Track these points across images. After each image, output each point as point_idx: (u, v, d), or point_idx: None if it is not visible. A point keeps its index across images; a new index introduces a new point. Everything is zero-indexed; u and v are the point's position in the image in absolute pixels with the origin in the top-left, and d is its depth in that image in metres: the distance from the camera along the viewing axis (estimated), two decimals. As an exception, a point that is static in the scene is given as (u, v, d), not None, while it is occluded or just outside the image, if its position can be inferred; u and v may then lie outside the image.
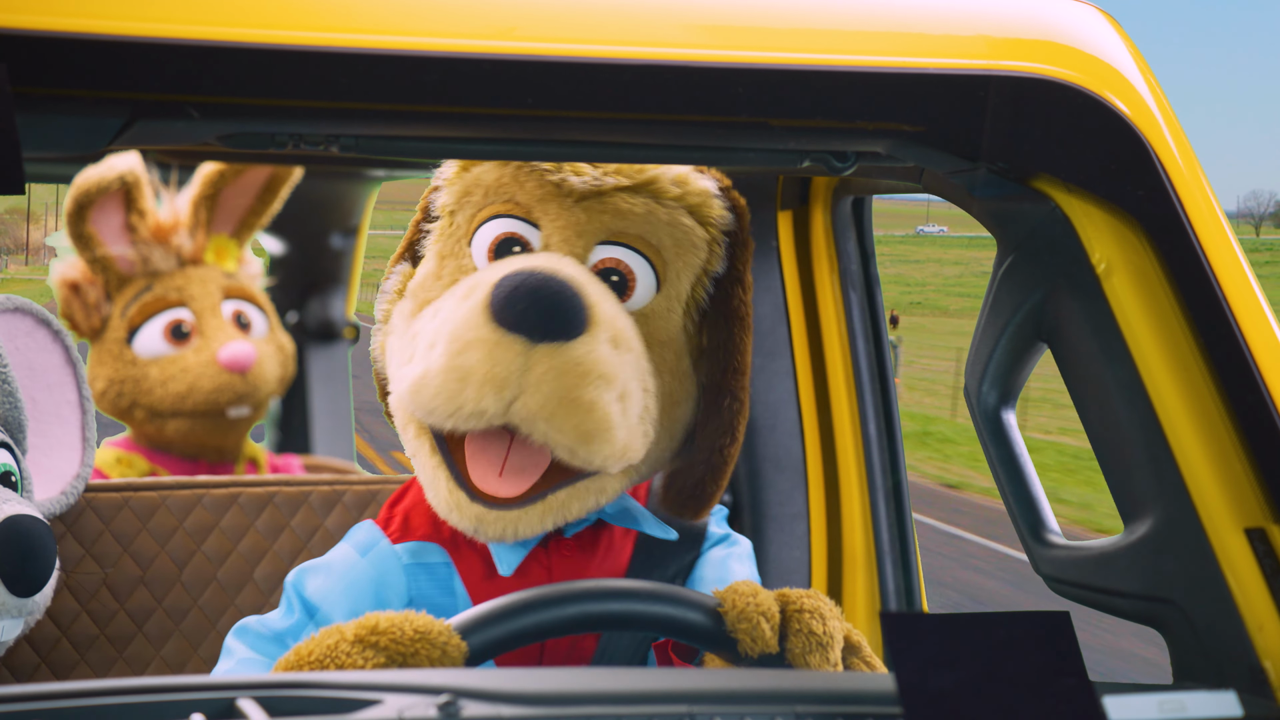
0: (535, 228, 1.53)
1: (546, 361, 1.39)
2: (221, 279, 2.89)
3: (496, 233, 1.54)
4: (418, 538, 1.58)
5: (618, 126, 1.19)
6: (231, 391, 2.80)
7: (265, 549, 2.17)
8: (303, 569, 1.59)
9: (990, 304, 1.39)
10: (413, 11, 1.12)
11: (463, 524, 1.48)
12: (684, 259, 1.56)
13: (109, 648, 2.10)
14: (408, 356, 1.50)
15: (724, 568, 1.66)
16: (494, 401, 1.39)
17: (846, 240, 2.21)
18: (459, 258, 1.56)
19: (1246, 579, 1.18)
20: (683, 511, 1.60)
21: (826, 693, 1.13)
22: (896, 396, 2.24)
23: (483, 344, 1.39)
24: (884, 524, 2.18)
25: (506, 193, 1.54)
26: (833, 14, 1.23)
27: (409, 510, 1.61)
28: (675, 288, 1.57)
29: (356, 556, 1.57)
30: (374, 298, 1.66)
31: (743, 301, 1.60)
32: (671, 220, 1.55)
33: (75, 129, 1.11)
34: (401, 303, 1.59)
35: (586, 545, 1.60)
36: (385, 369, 1.61)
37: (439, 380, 1.41)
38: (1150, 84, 1.27)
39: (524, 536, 1.49)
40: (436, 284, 1.56)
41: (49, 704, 1.01)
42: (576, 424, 1.41)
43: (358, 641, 1.27)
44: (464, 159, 1.56)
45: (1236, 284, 1.21)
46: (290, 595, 1.57)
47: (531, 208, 1.53)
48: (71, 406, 2.02)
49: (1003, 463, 1.39)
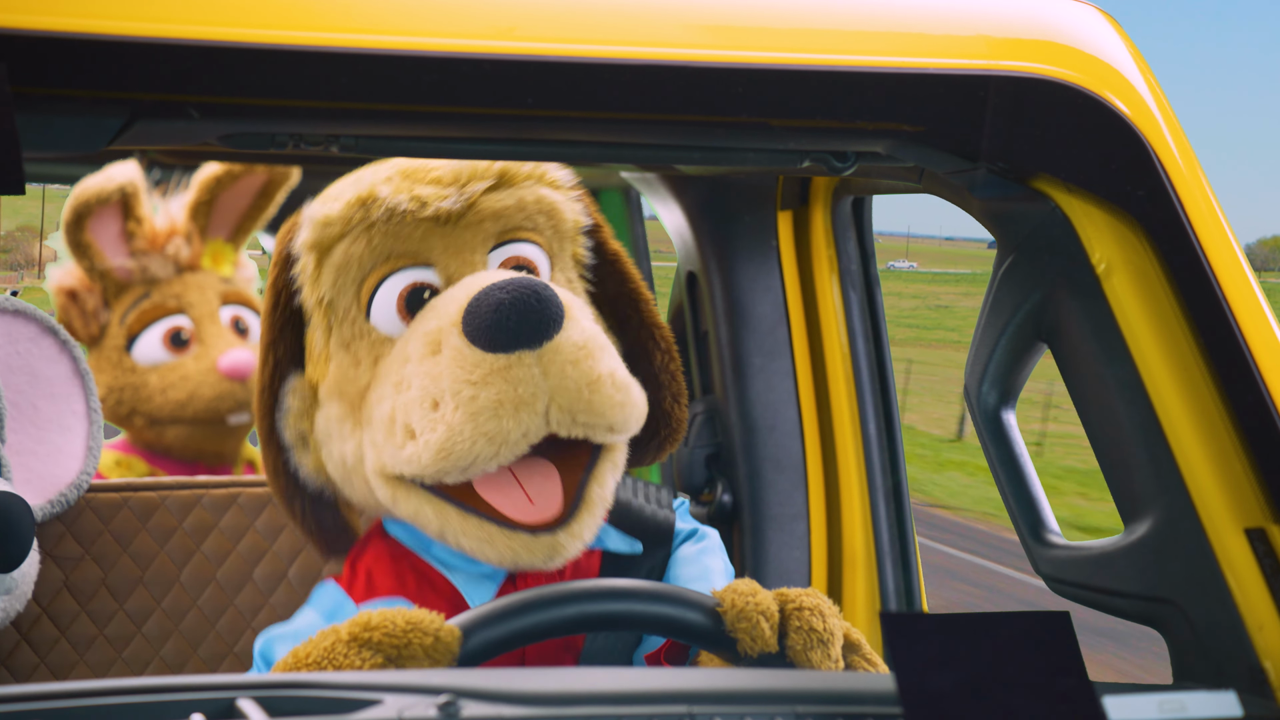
0: (429, 268, 1.53)
1: (557, 359, 1.40)
2: (219, 284, 2.89)
3: (398, 289, 1.52)
4: (382, 594, 1.55)
5: (618, 126, 1.19)
6: (232, 399, 2.80)
7: (265, 549, 2.17)
8: (270, 637, 1.55)
9: (990, 304, 1.39)
10: (413, 11, 1.12)
11: (503, 557, 1.47)
12: (559, 228, 1.60)
13: (108, 648, 2.10)
14: (399, 437, 1.45)
15: (700, 564, 1.66)
16: (532, 419, 1.39)
17: (846, 240, 2.21)
18: (366, 336, 1.53)
19: (1246, 579, 1.18)
20: (661, 445, 1.66)
21: (826, 693, 1.13)
22: (896, 397, 2.24)
23: (495, 375, 1.38)
24: (884, 524, 2.18)
25: (384, 251, 1.52)
26: (833, 14, 1.23)
27: (370, 568, 1.58)
28: (562, 259, 1.62)
29: (321, 623, 1.54)
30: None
31: (614, 242, 1.69)
32: (536, 197, 1.57)
33: (75, 129, 1.10)
34: (324, 410, 1.56)
35: (553, 573, 1.58)
36: (333, 482, 1.58)
37: (469, 428, 1.38)
38: (1150, 84, 1.27)
39: (572, 551, 1.48)
40: (360, 370, 1.53)
41: (49, 704, 1.01)
42: (608, 398, 1.43)
43: (353, 640, 1.27)
44: (464, 159, 1.56)
45: (1236, 284, 1.21)
46: (259, 664, 1.54)
47: (416, 251, 1.52)
48: (78, 417, 2.00)
49: (1002, 463, 1.39)
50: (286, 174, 2.97)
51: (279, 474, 1.60)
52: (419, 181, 1.53)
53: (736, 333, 2.19)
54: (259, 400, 1.60)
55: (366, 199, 1.52)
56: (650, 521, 1.67)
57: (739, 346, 2.19)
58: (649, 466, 2.52)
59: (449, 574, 1.55)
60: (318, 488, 1.60)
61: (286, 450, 1.59)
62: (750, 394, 2.18)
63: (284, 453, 1.59)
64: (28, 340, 1.96)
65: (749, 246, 2.20)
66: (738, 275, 2.20)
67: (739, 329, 2.19)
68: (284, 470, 1.60)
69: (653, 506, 1.69)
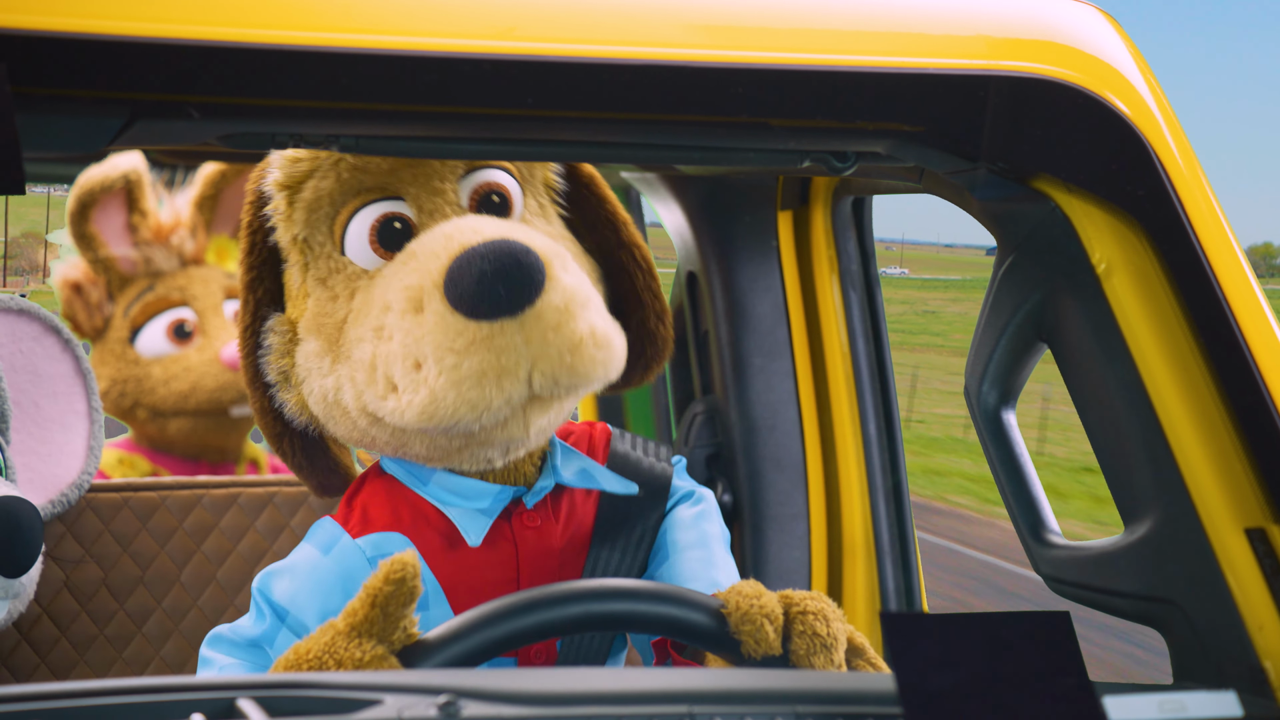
0: (399, 200, 1.54)
1: (539, 326, 1.40)
2: (223, 279, 2.89)
3: (369, 221, 1.53)
4: (378, 529, 1.57)
5: (618, 126, 1.19)
6: (235, 390, 2.80)
7: (265, 549, 2.17)
8: (267, 573, 1.57)
9: (990, 304, 1.39)
10: (413, 11, 1.12)
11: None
12: None
13: (108, 648, 2.10)
14: (381, 387, 1.47)
15: (698, 529, 1.67)
16: (516, 386, 1.40)
17: (847, 240, 2.21)
18: (342, 269, 1.54)
19: (1246, 579, 1.18)
20: (649, 366, 1.67)
21: (827, 693, 1.13)
22: (896, 396, 2.24)
23: (479, 343, 1.39)
24: (884, 524, 2.18)
25: (354, 184, 1.53)
26: (833, 14, 1.23)
27: (366, 503, 1.60)
28: (533, 185, 1.62)
29: (320, 555, 1.56)
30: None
31: (582, 164, 1.69)
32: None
33: (75, 129, 1.10)
34: (302, 346, 1.57)
35: (548, 514, 1.60)
36: (316, 419, 1.59)
37: (453, 394, 1.40)
38: (1150, 84, 1.27)
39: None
40: (337, 305, 1.54)
41: (49, 704, 1.01)
42: (590, 358, 1.44)
43: (352, 630, 1.27)
44: (464, 159, 1.56)
45: (1236, 284, 1.21)
46: (258, 600, 1.56)
47: (385, 185, 1.53)
48: (79, 416, 2.01)
49: (1002, 463, 1.39)
50: None
51: (265, 413, 1.62)
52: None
53: (737, 333, 2.19)
54: (241, 341, 1.62)
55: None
56: (648, 473, 1.68)
57: (739, 346, 2.19)
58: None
59: (445, 509, 1.57)
60: (303, 424, 1.61)
61: (271, 388, 1.61)
62: (750, 394, 2.18)
63: (268, 390, 1.61)
64: (30, 339, 1.96)
65: (749, 246, 2.20)
66: (738, 275, 2.20)
67: (739, 329, 2.19)
68: (269, 409, 1.62)
69: (650, 459, 1.71)
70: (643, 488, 1.66)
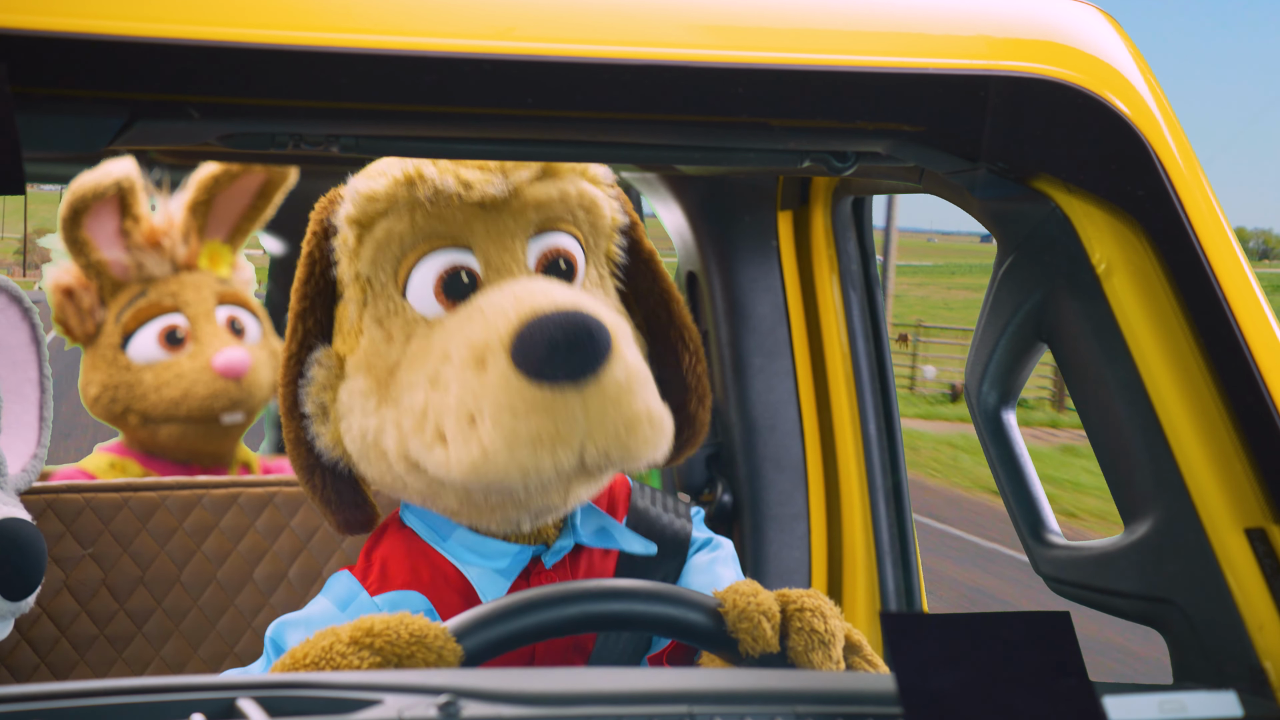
0: (468, 251, 1.53)
1: (599, 397, 1.38)
2: (216, 285, 2.88)
3: (438, 271, 1.52)
4: (397, 586, 1.56)
5: (618, 126, 1.19)
6: (226, 398, 2.80)
7: (265, 549, 2.17)
8: (282, 623, 1.56)
9: (990, 304, 1.39)
10: (413, 11, 1.12)
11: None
12: (596, 224, 1.61)
13: (108, 648, 2.10)
14: (429, 437, 1.45)
15: (711, 573, 1.66)
16: (568, 455, 1.38)
17: (846, 240, 2.21)
18: (401, 313, 1.53)
19: (1247, 579, 1.18)
20: (681, 447, 1.65)
21: (827, 693, 1.13)
22: (896, 396, 2.24)
23: (540, 408, 1.37)
24: (884, 524, 2.18)
25: (426, 230, 1.52)
26: (833, 14, 1.23)
27: (385, 559, 1.59)
28: (597, 254, 1.62)
29: (336, 611, 1.55)
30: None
31: (646, 241, 1.71)
32: (579, 191, 1.58)
33: (75, 129, 1.10)
34: (349, 383, 1.55)
35: (566, 573, 1.59)
36: (348, 456, 1.58)
37: (505, 455, 1.38)
38: (1150, 84, 1.27)
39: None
40: (392, 347, 1.53)
41: (49, 704, 1.00)
42: (644, 438, 1.43)
43: (353, 643, 1.27)
44: (464, 159, 1.56)
45: (1236, 284, 1.21)
46: (270, 650, 1.54)
47: (457, 234, 1.52)
48: (32, 384, 1.99)
49: (1003, 463, 1.39)
50: (284, 175, 2.97)
51: (298, 444, 1.61)
52: (464, 164, 1.53)
53: (736, 333, 2.19)
54: (284, 368, 1.61)
55: (413, 177, 1.52)
56: (667, 529, 1.67)
57: (739, 346, 2.19)
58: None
59: (463, 568, 1.56)
60: (333, 460, 1.60)
61: (306, 419, 1.59)
62: (750, 394, 2.18)
63: (304, 422, 1.60)
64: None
65: (749, 246, 2.20)
66: (738, 275, 2.20)
67: (739, 329, 2.19)
68: (302, 440, 1.60)
69: (670, 515, 1.69)
70: (661, 546, 1.65)
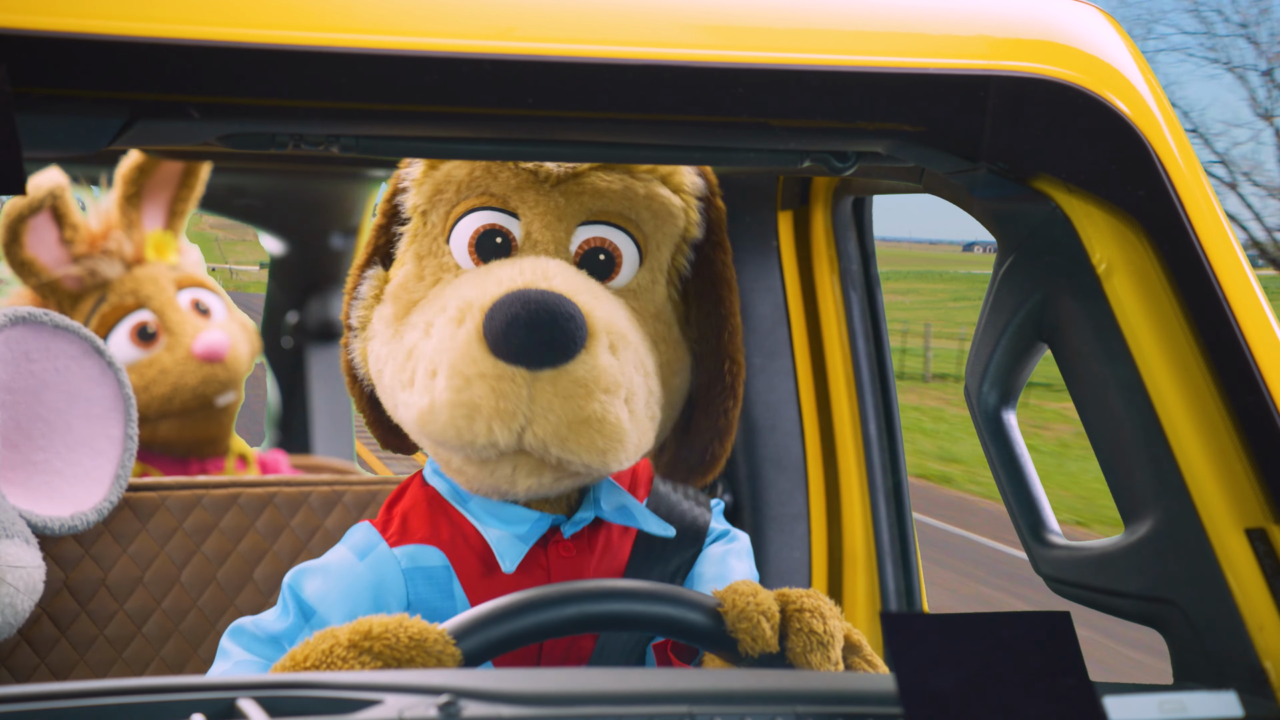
0: (514, 217, 1.54)
1: (550, 388, 1.40)
2: (169, 272, 2.88)
3: (476, 225, 1.54)
4: (416, 540, 1.57)
5: (618, 126, 1.19)
6: (216, 381, 2.80)
7: (265, 549, 2.17)
8: (301, 570, 1.58)
9: (990, 304, 1.39)
10: (413, 11, 1.12)
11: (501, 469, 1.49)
12: (663, 229, 1.59)
13: (108, 648, 2.10)
14: (406, 378, 1.50)
15: (723, 564, 1.66)
16: (504, 433, 1.41)
17: (847, 240, 2.21)
18: (439, 255, 1.57)
19: (1247, 579, 1.18)
20: (690, 477, 1.65)
21: (827, 693, 1.13)
22: (896, 396, 2.24)
23: (484, 379, 1.40)
24: (884, 524, 2.18)
25: (481, 185, 1.55)
26: (833, 14, 1.23)
27: (407, 512, 1.61)
28: (657, 259, 1.60)
29: (355, 559, 1.56)
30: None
31: (725, 265, 1.65)
32: (648, 192, 1.57)
33: (75, 129, 1.10)
34: (381, 307, 1.59)
35: (584, 545, 1.59)
36: (370, 375, 1.61)
37: (446, 414, 1.42)
38: (1150, 84, 1.27)
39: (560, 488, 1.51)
40: (420, 285, 1.56)
41: (49, 704, 1.00)
42: (589, 442, 1.43)
43: (352, 646, 1.27)
44: (464, 159, 1.56)
45: (1237, 284, 1.21)
46: (286, 597, 1.56)
47: (508, 197, 1.54)
48: (113, 442, 2.00)
49: (1003, 463, 1.39)
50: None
51: (346, 354, 1.66)
52: None
53: (737, 333, 2.19)
54: (350, 279, 1.65)
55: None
56: (686, 516, 1.67)
57: (739, 346, 2.19)
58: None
59: (483, 530, 1.56)
60: (363, 375, 1.64)
61: (353, 332, 1.64)
62: (751, 394, 2.18)
63: (351, 334, 1.65)
64: (68, 358, 1.95)
65: (749, 246, 2.20)
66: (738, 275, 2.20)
67: (739, 329, 2.19)
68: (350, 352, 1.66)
69: (689, 503, 1.70)
70: (680, 531, 1.65)
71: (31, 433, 1.92)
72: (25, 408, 1.91)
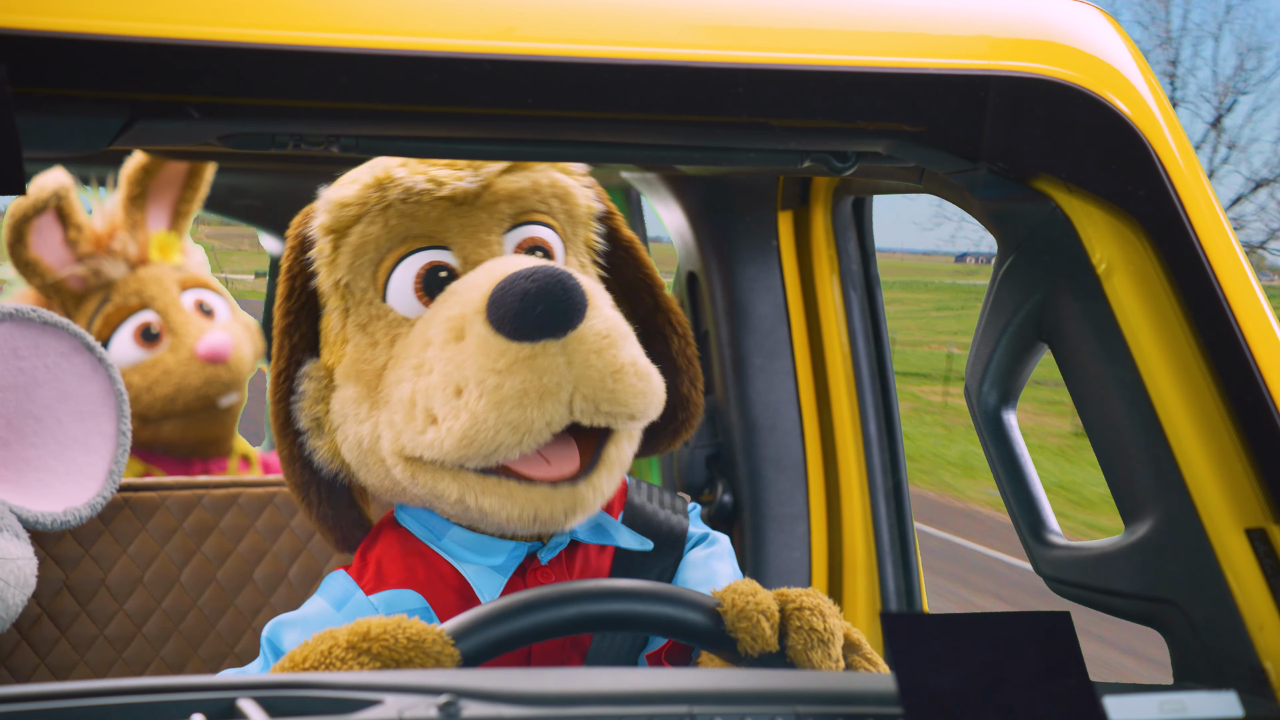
0: (445, 249, 1.53)
1: (581, 349, 1.39)
2: (173, 273, 2.88)
3: (416, 269, 1.52)
4: (392, 585, 1.55)
5: (618, 126, 1.19)
6: (219, 382, 2.80)
7: (265, 549, 2.17)
8: (278, 623, 1.55)
9: (991, 304, 1.39)
10: (413, 11, 1.12)
11: (524, 511, 1.46)
12: (571, 213, 1.62)
13: (108, 648, 2.10)
14: (421, 421, 1.45)
15: (708, 568, 1.65)
16: (556, 408, 1.39)
17: (847, 240, 2.21)
18: (383, 316, 1.54)
19: (1247, 579, 1.18)
20: (678, 424, 1.67)
21: (827, 693, 1.13)
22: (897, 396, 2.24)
23: (519, 365, 1.38)
24: (884, 524, 2.18)
25: (400, 232, 1.53)
26: (833, 14, 1.23)
27: (381, 557, 1.58)
28: (575, 243, 1.63)
29: (332, 611, 1.54)
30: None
31: (623, 227, 1.70)
32: (550, 181, 1.59)
33: (75, 129, 1.10)
34: (341, 392, 1.55)
35: (563, 569, 1.58)
36: (348, 466, 1.57)
37: (494, 416, 1.38)
38: (1150, 84, 1.27)
39: (592, 503, 1.49)
40: (377, 351, 1.53)
41: (49, 704, 1.00)
42: (629, 388, 1.43)
43: (351, 647, 1.26)
44: (464, 159, 1.56)
45: (1237, 284, 1.21)
46: (266, 650, 1.54)
47: (432, 233, 1.53)
48: (105, 438, 1.99)
49: (1003, 463, 1.39)
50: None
51: (293, 461, 1.60)
52: (434, 164, 1.54)
53: (737, 333, 2.19)
54: (274, 386, 1.60)
55: (383, 180, 1.53)
56: (664, 525, 1.67)
57: (739, 346, 2.19)
58: (649, 462, 2.53)
59: (459, 565, 1.55)
60: (332, 473, 1.60)
61: (301, 435, 1.59)
62: (751, 394, 2.18)
63: (298, 438, 1.60)
64: (59, 355, 1.95)
65: (749, 246, 2.20)
66: (738, 275, 2.20)
67: (739, 329, 2.19)
68: (298, 456, 1.60)
69: (666, 511, 1.69)
70: (658, 542, 1.65)
71: (23, 430, 1.92)
72: (16, 405, 1.91)
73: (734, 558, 1.71)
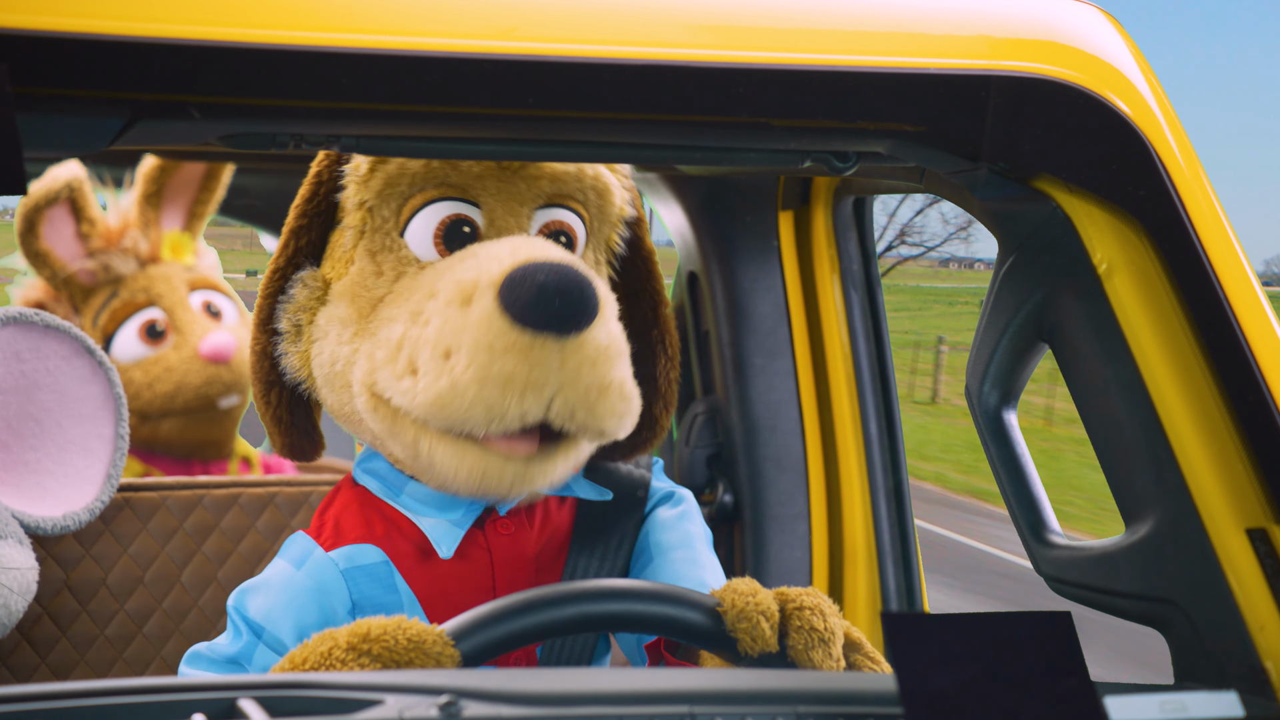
0: (475, 205, 1.54)
1: (577, 355, 1.39)
2: (184, 273, 2.89)
3: (440, 217, 1.53)
4: (351, 541, 1.56)
5: (618, 126, 1.19)
6: (219, 383, 2.81)
7: (265, 549, 2.17)
8: (242, 590, 1.56)
9: (991, 304, 1.39)
10: (413, 11, 1.12)
11: (471, 474, 1.46)
12: (604, 209, 1.62)
13: (109, 648, 2.10)
14: (402, 366, 1.45)
15: (681, 530, 1.66)
16: (535, 404, 1.39)
17: (847, 240, 2.21)
18: (395, 250, 1.54)
19: (1248, 579, 1.18)
20: (636, 444, 1.66)
21: (827, 692, 1.13)
22: (897, 396, 2.24)
23: (515, 349, 1.37)
24: (885, 524, 2.18)
25: (438, 176, 1.53)
26: (833, 14, 1.23)
27: (339, 515, 1.60)
28: (597, 239, 1.63)
29: (293, 570, 1.55)
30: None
31: (646, 237, 1.72)
32: (595, 174, 1.60)
33: (76, 129, 1.10)
34: (329, 308, 1.56)
35: (522, 521, 1.60)
36: (312, 377, 1.58)
37: (474, 391, 1.38)
38: (1151, 84, 1.27)
39: (537, 483, 1.49)
40: (379, 281, 1.53)
41: (49, 704, 1.00)
42: (609, 407, 1.44)
43: (351, 649, 1.26)
44: (464, 159, 1.56)
45: (1237, 284, 1.21)
46: (234, 618, 1.55)
47: (468, 186, 1.54)
48: (104, 441, 1.99)
49: (1003, 463, 1.39)
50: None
51: (263, 357, 1.61)
52: None
53: (737, 332, 2.19)
54: (267, 280, 1.61)
55: None
56: (625, 479, 1.68)
57: (740, 346, 2.19)
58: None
59: (416, 519, 1.56)
60: (295, 381, 1.60)
61: (278, 335, 1.60)
62: (751, 394, 2.18)
63: (274, 338, 1.60)
64: (59, 358, 1.95)
65: (750, 246, 2.20)
66: (739, 275, 2.20)
67: (740, 329, 2.19)
68: (268, 354, 1.61)
69: (627, 465, 1.71)
70: (619, 492, 1.66)
71: (22, 433, 1.92)
72: (16, 408, 1.92)
73: (700, 514, 1.72)
